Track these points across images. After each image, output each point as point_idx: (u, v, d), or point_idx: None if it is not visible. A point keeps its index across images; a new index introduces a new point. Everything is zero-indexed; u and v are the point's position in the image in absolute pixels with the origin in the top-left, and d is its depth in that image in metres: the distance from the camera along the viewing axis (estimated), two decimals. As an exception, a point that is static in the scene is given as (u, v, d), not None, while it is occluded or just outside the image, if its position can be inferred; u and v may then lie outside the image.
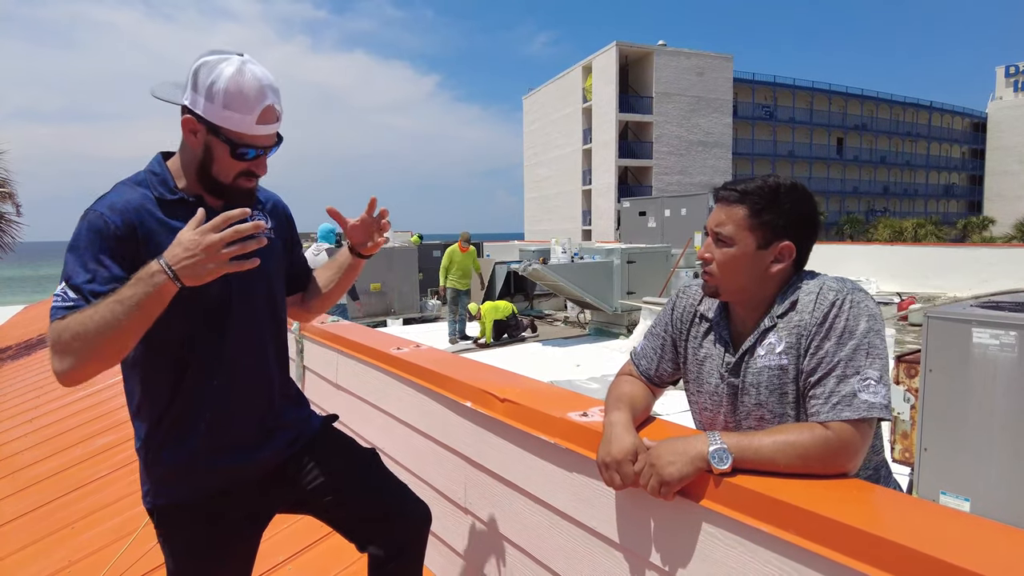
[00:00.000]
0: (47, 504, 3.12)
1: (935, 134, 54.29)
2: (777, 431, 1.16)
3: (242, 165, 1.34)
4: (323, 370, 3.03)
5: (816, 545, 0.97)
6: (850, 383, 1.15)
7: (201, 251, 1.15)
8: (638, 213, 15.89)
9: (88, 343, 1.14)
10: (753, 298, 1.32)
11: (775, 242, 1.28)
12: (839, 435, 1.11)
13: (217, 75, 1.25)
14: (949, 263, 13.94)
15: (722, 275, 1.31)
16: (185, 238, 1.17)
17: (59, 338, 1.15)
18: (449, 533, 2.02)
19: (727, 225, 1.30)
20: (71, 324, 1.15)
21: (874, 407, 1.13)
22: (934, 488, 3.10)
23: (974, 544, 0.88)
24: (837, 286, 1.24)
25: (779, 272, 1.29)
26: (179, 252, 1.16)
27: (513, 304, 10.61)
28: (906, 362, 3.46)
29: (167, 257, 1.16)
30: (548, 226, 42.98)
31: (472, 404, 1.82)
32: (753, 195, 1.28)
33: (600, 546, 1.40)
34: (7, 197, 9.58)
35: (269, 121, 1.31)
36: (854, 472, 1.14)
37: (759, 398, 1.28)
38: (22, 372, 6.64)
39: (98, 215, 1.24)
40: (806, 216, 1.31)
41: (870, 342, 1.17)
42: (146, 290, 1.14)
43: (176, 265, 1.15)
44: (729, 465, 1.11)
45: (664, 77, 37.93)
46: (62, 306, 1.17)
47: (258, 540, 1.51)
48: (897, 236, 32.53)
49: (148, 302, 1.15)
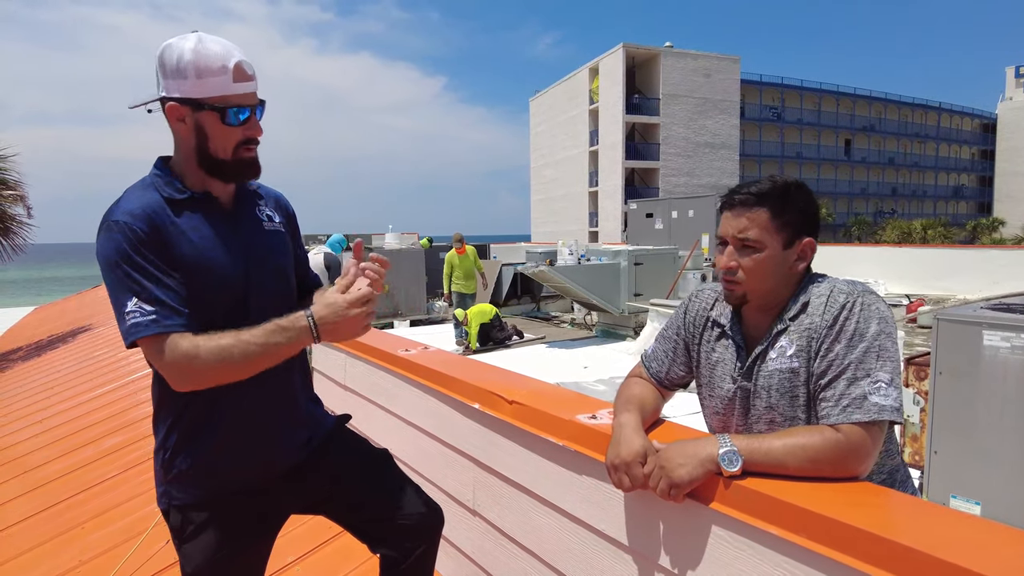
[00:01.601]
0: (57, 504, 3.15)
1: (944, 135, 53.98)
2: (787, 434, 1.15)
3: (237, 133, 1.33)
4: (331, 372, 3.04)
5: (826, 548, 0.97)
6: (861, 385, 1.14)
7: (346, 322, 1.29)
8: (645, 215, 15.87)
9: (217, 372, 1.25)
10: (773, 300, 1.32)
11: (797, 240, 1.29)
12: (849, 437, 1.11)
13: (180, 52, 1.26)
14: (959, 265, 13.83)
15: (751, 281, 1.29)
16: (337, 302, 1.29)
17: (184, 359, 1.22)
18: (458, 535, 2.02)
19: (751, 230, 1.28)
20: (199, 351, 1.22)
21: (885, 409, 1.12)
22: (944, 492, 3.08)
23: (983, 548, 0.87)
24: (848, 288, 1.24)
25: (801, 270, 1.31)
26: (327, 315, 1.28)
27: (511, 309, 10.43)
28: (916, 364, 3.44)
29: (316, 314, 1.28)
30: (555, 228, 43.00)
31: (480, 406, 1.83)
32: (770, 196, 1.28)
33: (609, 549, 1.40)
34: (18, 200, 9.66)
35: (244, 79, 1.31)
36: (865, 475, 1.13)
37: (770, 401, 1.28)
38: (32, 373, 6.70)
39: (123, 225, 1.23)
40: (815, 211, 1.33)
41: (881, 344, 1.17)
42: (288, 340, 1.27)
43: (321, 325, 1.28)
44: (739, 467, 1.11)
45: (671, 79, 37.91)
46: (144, 321, 1.20)
47: (272, 540, 1.51)
48: (906, 238, 32.34)
49: (288, 350, 1.29)
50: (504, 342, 9.99)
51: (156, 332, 1.20)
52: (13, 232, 9.66)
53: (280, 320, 1.27)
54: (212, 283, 1.31)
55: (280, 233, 1.50)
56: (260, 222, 1.46)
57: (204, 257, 1.30)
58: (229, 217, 1.39)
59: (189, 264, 1.28)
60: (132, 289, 1.21)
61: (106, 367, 5.60)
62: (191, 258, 1.28)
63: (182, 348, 1.21)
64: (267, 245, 1.44)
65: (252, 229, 1.43)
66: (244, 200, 1.45)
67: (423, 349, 2.45)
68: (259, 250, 1.41)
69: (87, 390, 5.11)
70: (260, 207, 1.48)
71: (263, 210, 1.48)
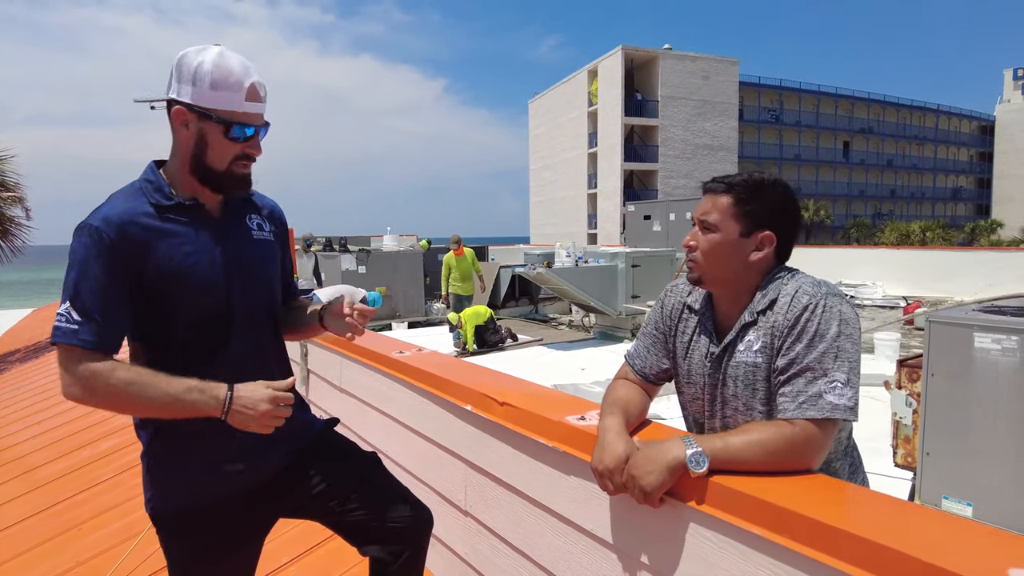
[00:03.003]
0: (56, 505, 3.16)
1: (942, 137, 54.02)
2: (745, 430, 1.20)
3: (236, 148, 1.35)
4: (327, 373, 3.06)
5: (809, 549, 0.99)
6: (817, 384, 1.19)
7: (258, 414, 1.28)
8: (643, 217, 15.89)
9: (123, 403, 1.27)
10: (735, 288, 1.38)
11: (757, 231, 1.34)
12: (804, 432, 1.17)
13: (200, 61, 1.29)
14: (956, 267, 13.85)
15: (706, 261, 1.37)
16: (258, 390, 1.29)
17: (91, 379, 1.22)
18: (450, 535, 2.04)
19: (712, 213, 1.36)
20: (109, 377, 1.22)
21: (838, 408, 1.18)
22: (937, 493, 3.10)
23: (963, 549, 0.89)
24: (812, 290, 1.28)
25: (759, 261, 1.35)
26: (244, 396, 1.28)
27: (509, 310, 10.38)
28: (908, 367, 3.46)
29: (235, 393, 1.28)
30: (553, 229, 42.99)
31: (472, 408, 1.85)
32: (739, 186, 1.35)
33: (597, 548, 1.42)
34: (16, 201, 9.67)
35: (256, 99, 1.34)
36: (817, 467, 1.19)
37: (735, 390, 1.35)
38: (31, 375, 6.70)
39: (93, 229, 1.25)
40: (787, 209, 1.38)
41: (839, 346, 1.21)
42: (200, 403, 1.26)
43: (234, 405, 1.27)
44: (706, 468, 1.15)
45: (670, 81, 37.94)
46: (67, 329, 1.22)
47: (260, 545, 1.53)
48: (904, 240, 32.38)
49: (195, 411, 1.27)
50: (497, 345, 9.97)
51: (71, 343, 1.22)
52: (12, 234, 9.67)
53: (201, 383, 1.27)
54: (191, 289, 1.32)
55: (269, 243, 1.52)
56: (249, 231, 1.47)
57: (184, 264, 1.32)
58: (216, 225, 1.41)
59: (167, 270, 1.30)
60: (70, 294, 1.24)
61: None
62: (170, 264, 1.30)
63: (91, 368, 1.23)
64: (254, 254, 1.46)
65: (240, 238, 1.44)
66: (234, 209, 1.47)
67: (418, 351, 2.47)
68: (246, 259, 1.43)
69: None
70: (251, 216, 1.50)
71: (254, 219, 1.50)
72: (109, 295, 1.25)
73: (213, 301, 1.35)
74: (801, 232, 1.48)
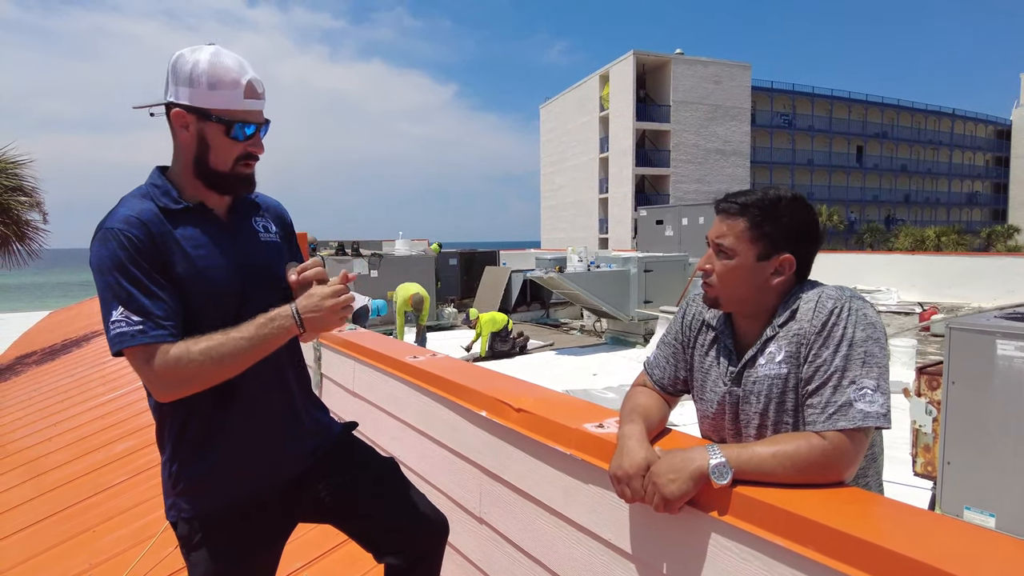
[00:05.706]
0: (70, 507, 3.18)
1: (958, 142, 53.46)
2: (774, 441, 1.16)
3: (239, 147, 1.34)
4: (340, 378, 3.06)
5: (835, 561, 0.96)
6: (846, 392, 1.16)
7: (323, 312, 1.32)
8: (655, 222, 15.84)
9: (214, 371, 1.25)
10: (753, 309, 1.34)
11: (775, 254, 1.30)
12: (834, 444, 1.13)
13: (196, 61, 1.28)
14: (973, 272, 13.69)
15: (722, 286, 1.33)
16: (315, 293, 1.33)
17: (176, 365, 1.21)
18: (464, 543, 2.02)
19: (727, 237, 1.32)
20: (190, 354, 1.22)
21: (870, 416, 1.14)
22: (958, 503, 3.04)
23: (995, 560, 0.86)
24: (836, 294, 1.25)
25: (779, 284, 1.31)
26: (308, 304, 1.32)
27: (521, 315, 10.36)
28: (928, 374, 3.40)
29: (298, 305, 1.31)
30: (565, 234, 42.95)
31: (487, 413, 1.83)
32: (753, 208, 1.30)
33: (615, 558, 1.39)
34: (34, 205, 9.79)
35: (255, 96, 1.33)
36: (850, 479, 1.15)
37: (759, 407, 1.30)
38: (47, 376, 6.77)
39: (118, 232, 1.24)
40: (806, 228, 1.32)
41: (867, 350, 1.18)
42: (277, 331, 1.29)
43: (304, 313, 1.31)
44: (729, 479, 1.11)
45: (681, 85, 37.83)
46: (133, 331, 1.20)
47: (281, 549, 1.52)
48: (919, 245, 32.02)
49: (276, 342, 1.31)
50: (507, 354, 9.95)
51: (143, 343, 1.21)
52: (29, 238, 9.79)
53: (264, 316, 1.29)
54: (208, 294, 1.32)
55: (276, 244, 1.51)
56: (256, 233, 1.47)
57: (200, 268, 1.31)
58: (225, 228, 1.40)
59: (184, 275, 1.29)
60: (120, 297, 1.21)
61: (117, 372, 5.65)
62: (187, 269, 1.29)
63: (172, 355, 1.21)
64: (264, 256, 1.45)
65: (249, 240, 1.44)
66: (240, 211, 1.46)
67: (431, 356, 2.46)
68: (256, 261, 1.42)
69: (99, 394, 5.16)
70: (257, 218, 1.49)
71: (259, 221, 1.49)
72: (156, 286, 1.24)
73: (227, 304, 1.35)
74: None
